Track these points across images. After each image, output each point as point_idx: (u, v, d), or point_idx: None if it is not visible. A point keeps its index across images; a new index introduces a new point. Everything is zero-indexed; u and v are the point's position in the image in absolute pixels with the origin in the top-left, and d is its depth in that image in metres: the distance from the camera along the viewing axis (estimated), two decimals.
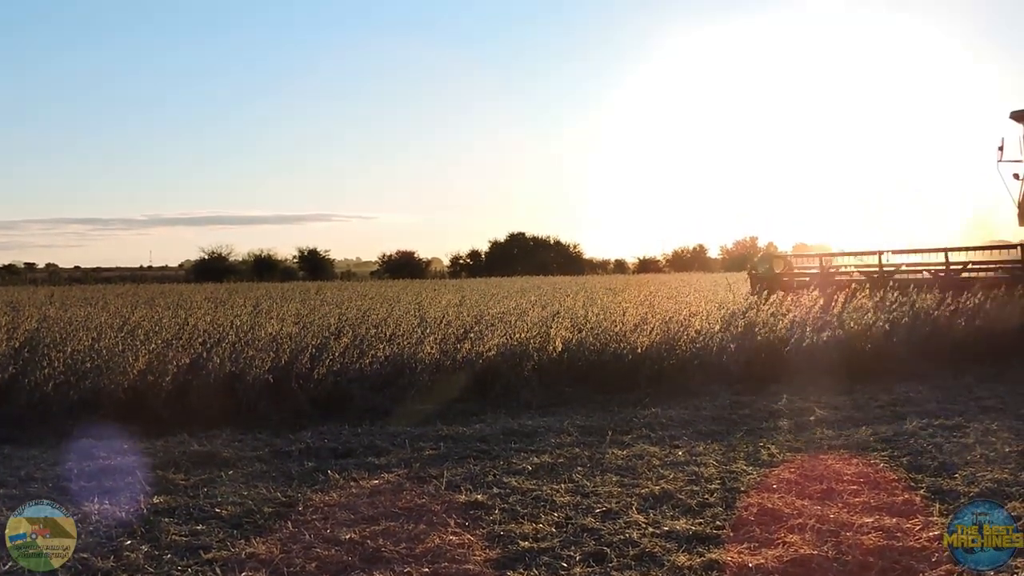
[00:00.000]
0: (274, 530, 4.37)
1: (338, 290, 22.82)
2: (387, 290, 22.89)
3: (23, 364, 7.58)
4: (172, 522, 4.48)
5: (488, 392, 8.50)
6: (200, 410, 7.53)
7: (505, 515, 4.58)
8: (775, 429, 6.90)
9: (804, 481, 5.23)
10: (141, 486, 5.28)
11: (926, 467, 5.55)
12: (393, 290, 22.82)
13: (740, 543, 4.11)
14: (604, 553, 3.99)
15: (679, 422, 7.18)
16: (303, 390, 8.00)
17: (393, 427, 7.04)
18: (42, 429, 6.92)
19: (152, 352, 7.98)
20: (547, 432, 6.79)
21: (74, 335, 8.51)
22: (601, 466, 5.71)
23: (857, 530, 4.24)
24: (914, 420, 7.09)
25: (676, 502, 4.83)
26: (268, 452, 6.14)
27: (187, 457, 5.95)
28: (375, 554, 4.01)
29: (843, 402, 8.04)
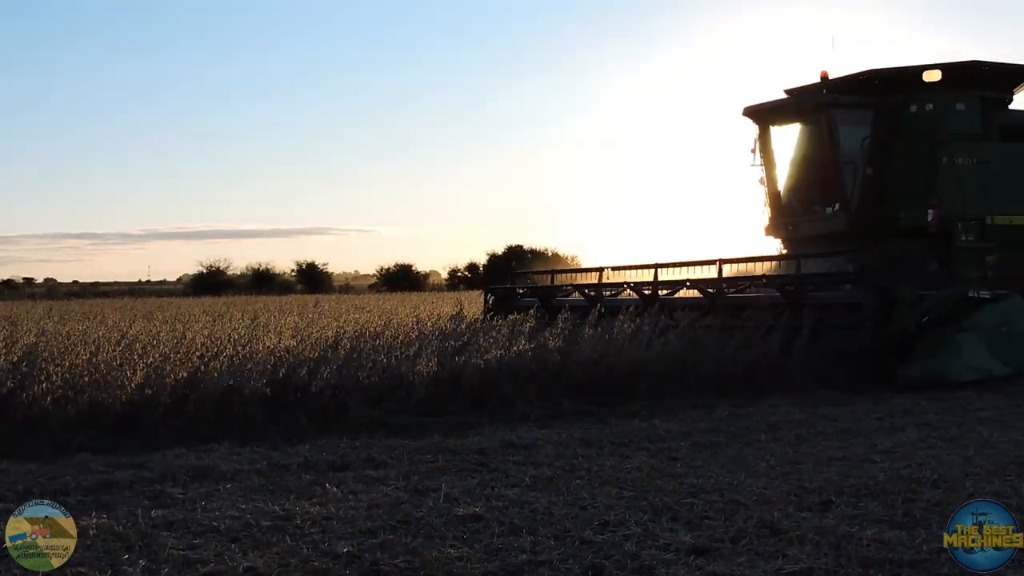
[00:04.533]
0: (272, 544, 4.35)
1: (336, 303, 22.80)
2: (384, 303, 22.87)
3: (21, 378, 7.55)
4: (170, 536, 4.46)
5: (486, 404, 8.49)
6: (197, 424, 7.52)
7: (503, 528, 4.57)
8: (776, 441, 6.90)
9: (803, 493, 5.22)
10: (139, 500, 5.27)
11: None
12: (391, 303, 22.79)
13: (739, 556, 4.10)
14: (603, 566, 3.98)
15: (677, 434, 7.17)
16: (300, 403, 7.98)
17: (391, 440, 7.03)
18: (40, 443, 6.88)
19: (150, 366, 7.96)
20: (545, 444, 6.78)
21: (72, 349, 8.49)
22: (600, 478, 5.70)
23: (857, 542, 4.23)
24: None
25: (675, 514, 4.82)
26: (266, 465, 6.12)
27: (185, 471, 5.93)
28: (373, 567, 4.00)
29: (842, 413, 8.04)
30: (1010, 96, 13.84)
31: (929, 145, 12.57)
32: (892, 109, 12.96)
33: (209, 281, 53.54)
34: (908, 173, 12.65)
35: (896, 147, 12.85)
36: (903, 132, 12.90)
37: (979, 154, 12.75)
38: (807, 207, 13.59)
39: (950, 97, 12.88)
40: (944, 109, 12.84)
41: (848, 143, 12.87)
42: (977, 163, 12.66)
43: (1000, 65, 13.38)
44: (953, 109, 12.90)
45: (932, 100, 12.87)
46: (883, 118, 12.88)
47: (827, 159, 13.06)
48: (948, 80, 12.74)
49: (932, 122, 12.78)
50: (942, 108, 12.84)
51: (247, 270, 58.34)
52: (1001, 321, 10.13)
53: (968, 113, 12.95)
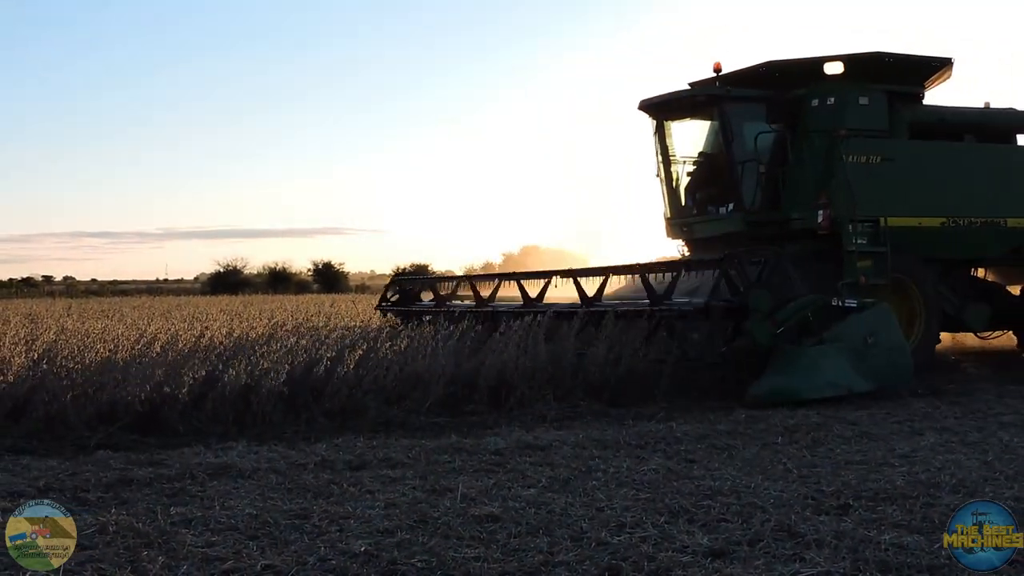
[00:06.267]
0: (290, 542, 4.37)
1: (352, 302, 22.86)
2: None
3: (41, 376, 7.62)
4: (189, 533, 4.48)
5: (503, 405, 8.50)
6: (215, 422, 7.57)
7: (520, 528, 4.57)
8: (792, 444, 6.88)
9: (821, 496, 5.21)
10: (158, 497, 5.30)
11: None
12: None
13: (757, 559, 4.09)
14: (619, 568, 3.98)
15: (694, 436, 7.16)
16: (317, 402, 8.02)
17: (408, 440, 7.05)
18: (60, 440, 6.96)
19: (168, 364, 8.02)
20: (562, 445, 6.78)
21: (92, 347, 8.56)
22: (616, 480, 5.70)
23: (875, 546, 4.22)
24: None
25: (691, 517, 4.81)
26: (283, 464, 6.15)
27: (203, 468, 5.96)
28: (391, 567, 4.00)
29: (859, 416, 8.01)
30: (922, 90, 12.89)
31: (827, 141, 11.54)
32: (793, 103, 11.99)
33: (226, 280, 53.68)
34: (806, 171, 11.71)
35: (796, 144, 11.90)
36: (803, 128, 11.94)
37: (884, 151, 11.76)
38: (702, 207, 12.72)
39: (853, 90, 11.95)
40: (845, 103, 11.87)
41: (744, 139, 11.99)
42: (882, 161, 11.65)
43: (907, 57, 12.36)
44: (855, 103, 11.92)
45: (834, 94, 11.91)
46: (779, 113, 11.86)
47: (721, 156, 12.24)
48: (851, 72, 11.87)
49: (832, 117, 11.76)
50: (843, 102, 11.86)
51: (264, 269, 58.47)
52: (866, 333, 9.28)
53: (872, 108, 11.98)
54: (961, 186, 12.22)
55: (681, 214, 13.02)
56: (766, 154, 11.94)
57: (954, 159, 12.43)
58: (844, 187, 11.12)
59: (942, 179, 12.08)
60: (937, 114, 12.96)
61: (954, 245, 12.13)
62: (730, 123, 12.00)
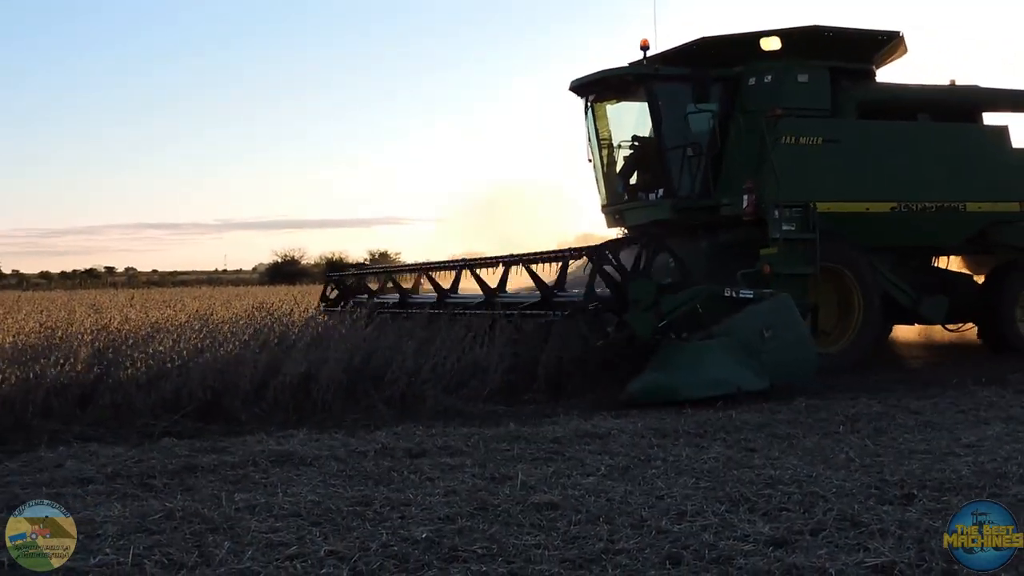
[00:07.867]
0: (352, 528, 4.42)
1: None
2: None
3: (107, 365, 7.79)
4: (253, 519, 4.56)
5: (560, 393, 8.50)
6: (277, 410, 7.68)
7: (580, 516, 4.57)
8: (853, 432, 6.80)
9: (884, 486, 5.14)
10: (222, 484, 5.39)
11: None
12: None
13: (819, 548, 4.05)
14: (680, 556, 3.96)
15: (754, 425, 7.10)
16: (377, 390, 8.09)
17: (466, 428, 7.08)
18: (126, 427, 7.11)
19: (230, 353, 8.15)
20: (620, 433, 6.77)
21: (155, 336, 8.72)
22: (676, 468, 5.68)
23: (941, 537, 4.15)
24: None
25: (752, 506, 4.77)
26: (344, 451, 6.22)
27: (265, 456, 6.05)
28: (452, 553, 4.03)
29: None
30: (871, 67, 12.08)
31: (765, 123, 10.61)
32: (728, 82, 11.26)
33: (284, 270, 54.26)
34: (741, 155, 10.90)
35: (731, 125, 11.13)
36: (739, 108, 11.15)
37: (825, 132, 11.02)
38: (633, 193, 12.01)
39: (791, 68, 11.19)
40: (783, 81, 11.10)
41: (674, 121, 11.19)
42: (823, 142, 10.93)
43: (848, 31, 11.50)
44: (794, 81, 11.16)
45: (771, 71, 11.16)
46: (713, 93, 11.02)
47: (650, 139, 11.58)
48: (789, 48, 11.11)
49: (769, 96, 10.94)
50: (781, 80, 11.10)
51: (321, 259, 59.00)
52: (763, 326, 8.52)
53: (813, 86, 11.23)
54: (914, 169, 11.45)
55: (614, 201, 12.37)
56: (700, 137, 11.22)
57: (906, 140, 11.60)
58: (776, 170, 10.35)
59: (892, 161, 11.32)
60: (890, 92, 12.23)
61: (906, 232, 11.40)
62: (659, 104, 11.24)
